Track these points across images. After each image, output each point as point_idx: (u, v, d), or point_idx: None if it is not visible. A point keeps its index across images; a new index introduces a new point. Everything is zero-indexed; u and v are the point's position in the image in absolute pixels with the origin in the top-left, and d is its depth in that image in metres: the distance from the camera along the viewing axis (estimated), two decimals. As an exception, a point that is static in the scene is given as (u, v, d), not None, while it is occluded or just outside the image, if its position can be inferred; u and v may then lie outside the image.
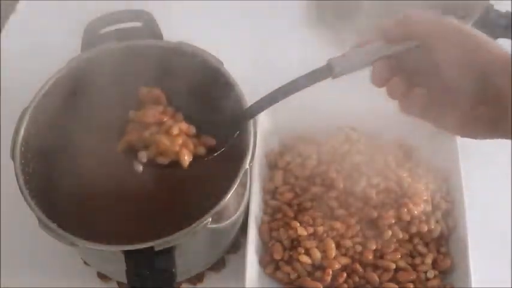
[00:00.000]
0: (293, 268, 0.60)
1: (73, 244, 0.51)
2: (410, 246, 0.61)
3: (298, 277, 0.60)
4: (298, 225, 0.61)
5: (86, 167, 0.63)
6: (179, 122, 0.57)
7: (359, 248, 0.60)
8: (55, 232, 0.51)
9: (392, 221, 0.61)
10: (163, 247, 0.50)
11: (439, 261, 0.60)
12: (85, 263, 0.63)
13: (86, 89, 0.61)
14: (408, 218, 0.61)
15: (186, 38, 0.61)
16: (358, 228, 0.61)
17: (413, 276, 0.59)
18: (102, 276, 0.63)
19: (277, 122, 0.68)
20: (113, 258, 0.53)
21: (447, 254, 0.61)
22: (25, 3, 0.84)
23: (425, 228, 0.61)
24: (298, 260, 0.60)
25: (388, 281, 0.59)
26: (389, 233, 0.60)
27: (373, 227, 0.61)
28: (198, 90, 0.61)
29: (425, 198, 0.62)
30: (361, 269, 0.60)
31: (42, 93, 0.58)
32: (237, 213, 0.59)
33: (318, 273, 0.60)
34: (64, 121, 0.60)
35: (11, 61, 0.78)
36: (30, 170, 0.56)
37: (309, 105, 0.69)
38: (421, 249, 0.61)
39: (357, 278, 0.60)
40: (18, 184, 0.53)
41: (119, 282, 0.63)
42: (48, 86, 0.58)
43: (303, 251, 0.60)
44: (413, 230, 0.61)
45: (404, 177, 0.63)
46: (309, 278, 0.60)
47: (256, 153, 0.56)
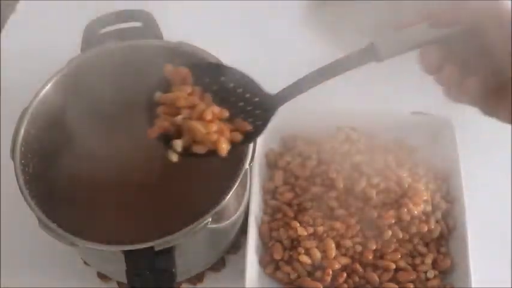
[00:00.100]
0: (293, 268, 0.60)
1: (73, 244, 0.51)
2: (410, 246, 0.61)
3: (298, 277, 0.60)
4: (298, 225, 0.61)
5: (86, 167, 0.63)
6: (210, 106, 0.51)
7: (359, 248, 0.60)
8: (55, 232, 0.51)
9: (392, 221, 0.61)
10: (163, 247, 0.50)
11: (439, 261, 0.60)
12: (85, 263, 0.63)
13: (86, 89, 0.61)
14: (408, 218, 0.61)
15: (186, 38, 0.61)
16: (358, 228, 0.61)
17: (413, 276, 0.59)
18: (102, 276, 0.63)
19: (277, 122, 0.68)
20: (113, 258, 0.53)
21: (447, 254, 0.61)
22: (25, 3, 0.84)
23: (425, 228, 0.61)
24: (298, 260, 0.60)
25: (388, 281, 0.59)
26: (389, 233, 0.60)
27: (373, 227, 0.61)
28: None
29: (425, 198, 0.62)
30: (361, 269, 0.60)
31: (42, 93, 0.58)
32: (237, 213, 0.59)
33: (318, 273, 0.60)
34: (64, 121, 0.60)
35: (11, 61, 0.78)
36: (30, 170, 0.56)
37: (309, 105, 0.69)
38: (421, 249, 0.61)
39: (357, 278, 0.60)
40: (18, 184, 0.53)
41: (119, 282, 0.63)
42: (48, 86, 0.58)
43: (303, 251, 0.60)
44: (413, 230, 0.61)
45: (404, 177, 0.63)
46: (309, 278, 0.60)
47: (256, 153, 0.55)
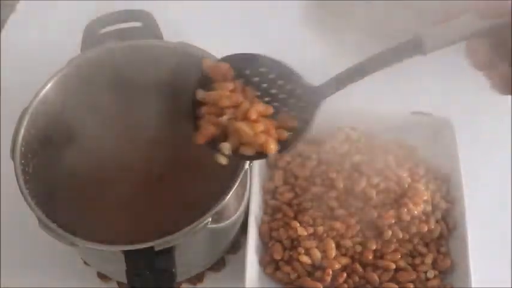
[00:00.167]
0: (293, 268, 0.60)
1: (73, 244, 0.51)
2: (410, 246, 0.61)
3: (298, 277, 0.60)
4: (298, 225, 0.61)
5: (86, 167, 0.63)
6: (255, 104, 0.51)
7: (359, 248, 0.60)
8: (55, 232, 0.51)
9: (392, 221, 0.61)
10: (163, 247, 0.50)
11: (439, 261, 0.60)
12: (85, 263, 0.63)
13: (86, 89, 0.61)
14: (408, 218, 0.61)
15: (186, 38, 0.61)
16: (358, 228, 0.61)
17: (413, 276, 0.59)
18: (102, 276, 0.63)
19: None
20: (113, 258, 0.53)
21: (447, 254, 0.61)
22: (25, 3, 0.84)
23: (425, 228, 0.61)
24: (298, 260, 0.60)
25: (388, 281, 0.59)
26: (390, 233, 0.60)
27: (373, 227, 0.61)
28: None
29: (425, 198, 0.62)
30: (361, 269, 0.60)
31: (42, 93, 0.58)
32: (237, 213, 0.59)
33: (318, 273, 0.60)
34: (64, 121, 0.60)
35: (11, 61, 0.78)
36: (30, 170, 0.56)
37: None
38: (421, 249, 0.61)
39: (357, 278, 0.60)
40: (18, 184, 0.53)
41: (119, 282, 0.63)
42: (48, 86, 0.58)
43: (303, 251, 0.60)
44: (413, 230, 0.61)
45: (404, 177, 0.63)
46: (309, 278, 0.60)
47: (256, 153, 0.55)
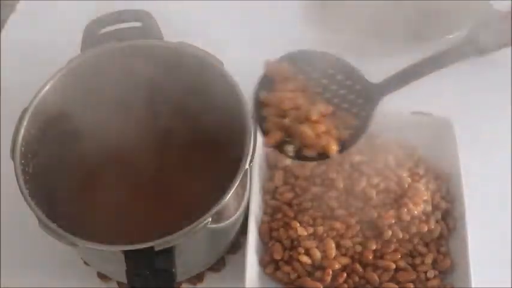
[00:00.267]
0: (293, 268, 0.60)
1: (73, 244, 0.51)
2: (410, 246, 0.61)
3: (298, 277, 0.60)
4: (298, 225, 0.61)
5: (86, 167, 0.63)
6: (316, 103, 0.53)
7: (359, 248, 0.60)
8: (55, 232, 0.51)
9: (393, 221, 0.61)
10: (163, 247, 0.50)
11: (439, 261, 0.60)
12: (85, 263, 0.63)
13: (86, 89, 0.61)
14: (408, 218, 0.61)
15: (186, 38, 0.61)
16: (358, 228, 0.61)
17: (413, 276, 0.59)
18: (102, 276, 0.63)
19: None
20: (113, 258, 0.53)
21: (447, 254, 0.61)
22: (25, 3, 0.84)
23: (425, 228, 0.61)
24: (298, 260, 0.60)
25: (388, 281, 0.59)
26: (390, 233, 0.60)
27: (373, 227, 0.61)
28: (199, 90, 0.61)
29: (425, 198, 0.62)
30: (361, 269, 0.60)
31: (42, 93, 0.58)
32: (237, 213, 0.59)
33: (318, 273, 0.60)
34: (64, 121, 0.60)
35: (11, 61, 0.78)
36: (30, 170, 0.56)
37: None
38: (421, 249, 0.61)
39: (357, 278, 0.59)
40: (18, 184, 0.53)
41: (118, 282, 0.63)
42: (48, 86, 0.58)
43: (303, 251, 0.60)
44: (413, 230, 0.61)
45: (404, 177, 0.63)
46: (309, 278, 0.60)
47: (256, 153, 0.55)
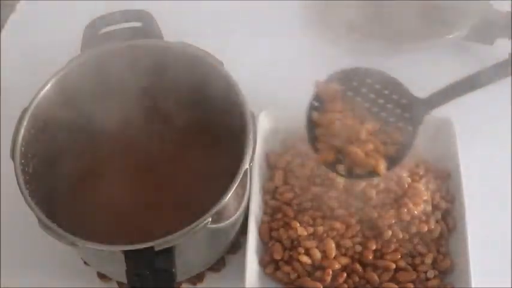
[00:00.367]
0: (293, 268, 0.60)
1: (73, 244, 0.51)
2: (410, 246, 0.61)
3: (298, 277, 0.60)
4: (298, 225, 0.61)
5: (86, 167, 0.63)
6: (364, 122, 0.56)
7: (359, 248, 0.60)
8: (55, 232, 0.51)
9: (393, 221, 0.61)
10: (163, 247, 0.50)
11: (439, 261, 0.60)
12: (85, 263, 0.63)
13: (86, 89, 0.61)
14: (408, 218, 0.61)
15: (186, 38, 0.61)
16: (358, 228, 0.61)
17: (413, 276, 0.59)
18: (102, 276, 0.63)
19: (277, 122, 0.68)
20: (113, 258, 0.53)
21: (447, 254, 0.61)
22: (25, 3, 0.84)
23: (425, 228, 0.61)
24: (298, 260, 0.60)
25: (388, 281, 0.59)
26: (389, 233, 0.60)
27: (373, 227, 0.61)
28: (199, 90, 0.61)
29: (425, 198, 0.62)
30: (361, 269, 0.60)
31: (42, 93, 0.58)
32: (237, 213, 0.59)
33: (318, 273, 0.60)
34: (64, 121, 0.60)
35: (11, 61, 0.78)
36: (30, 170, 0.56)
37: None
38: (421, 249, 0.61)
39: (357, 278, 0.60)
40: (18, 184, 0.53)
41: (118, 282, 0.63)
42: (48, 86, 0.58)
43: (303, 251, 0.60)
44: (413, 230, 0.61)
45: (404, 177, 0.63)
46: (309, 278, 0.60)
47: (256, 153, 0.55)
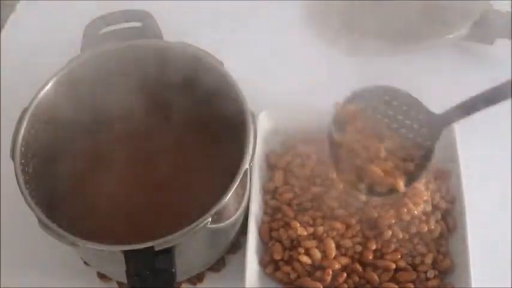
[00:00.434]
0: (293, 268, 0.60)
1: (73, 244, 0.51)
2: (410, 246, 0.61)
3: (298, 277, 0.60)
4: (298, 225, 0.61)
5: (86, 167, 0.63)
6: (383, 141, 0.58)
7: (359, 248, 0.60)
8: (55, 232, 0.51)
9: (392, 221, 0.61)
10: (163, 247, 0.50)
11: (439, 261, 0.60)
12: (85, 263, 0.63)
13: (86, 89, 0.61)
14: (408, 218, 0.61)
15: (186, 38, 0.61)
16: (358, 228, 0.61)
17: (413, 276, 0.59)
18: (102, 276, 0.63)
19: (277, 122, 0.68)
20: (113, 258, 0.53)
21: (447, 254, 0.61)
22: (25, 3, 0.84)
23: (425, 228, 0.61)
24: (298, 260, 0.60)
25: (388, 281, 0.59)
26: (389, 233, 0.60)
27: (373, 227, 0.61)
28: (199, 90, 0.61)
29: (425, 198, 0.62)
30: (361, 269, 0.60)
31: (42, 93, 0.58)
32: (237, 213, 0.59)
33: (318, 273, 0.60)
34: (64, 121, 0.60)
35: (11, 61, 0.78)
36: (30, 170, 0.56)
37: (309, 105, 0.69)
38: (421, 249, 0.61)
39: (356, 278, 0.59)
40: (18, 184, 0.53)
41: (118, 282, 0.63)
42: (48, 86, 0.58)
43: (303, 251, 0.60)
44: (413, 230, 0.61)
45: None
46: (309, 278, 0.60)
47: (256, 153, 0.55)
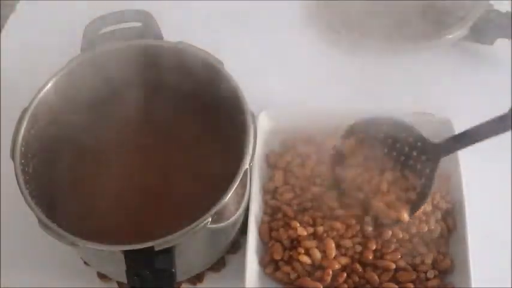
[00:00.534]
0: (293, 268, 0.60)
1: (73, 244, 0.51)
2: (410, 246, 0.61)
3: (298, 277, 0.60)
4: (298, 225, 0.61)
5: (86, 167, 0.63)
6: (384, 173, 0.60)
7: (359, 248, 0.60)
8: (55, 232, 0.51)
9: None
10: (163, 247, 0.50)
11: (439, 261, 0.60)
12: (85, 263, 0.63)
13: (86, 89, 0.61)
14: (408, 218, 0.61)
15: (186, 38, 0.61)
16: (358, 228, 0.61)
17: (413, 276, 0.59)
18: (102, 276, 0.63)
19: (277, 122, 0.68)
20: (113, 258, 0.53)
21: (447, 254, 0.61)
22: (25, 3, 0.84)
23: (425, 228, 0.61)
24: (298, 260, 0.60)
25: (388, 281, 0.59)
26: (390, 233, 0.60)
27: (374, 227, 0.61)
28: (199, 90, 0.61)
29: (425, 199, 0.62)
30: (361, 269, 0.60)
31: (42, 93, 0.58)
32: (237, 213, 0.59)
33: (318, 273, 0.60)
34: (64, 121, 0.60)
35: (11, 61, 0.78)
36: (30, 170, 0.56)
37: (309, 105, 0.69)
38: (421, 249, 0.61)
39: (356, 278, 0.59)
40: (18, 184, 0.53)
41: (118, 282, 0.63)
42: (48, 86, 0.58)
43: (303, 251, 0.60)
44: (413, 230, 0.61)
45: (404, 177, 0.63)
46: (309, 278, 0.60)
47: (256, 153, 0.55)
